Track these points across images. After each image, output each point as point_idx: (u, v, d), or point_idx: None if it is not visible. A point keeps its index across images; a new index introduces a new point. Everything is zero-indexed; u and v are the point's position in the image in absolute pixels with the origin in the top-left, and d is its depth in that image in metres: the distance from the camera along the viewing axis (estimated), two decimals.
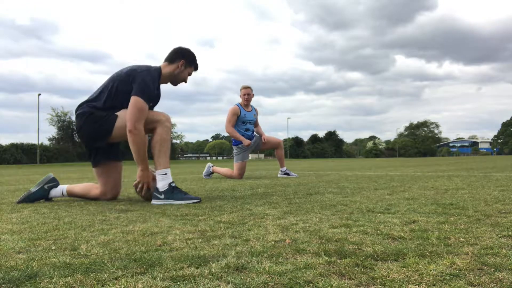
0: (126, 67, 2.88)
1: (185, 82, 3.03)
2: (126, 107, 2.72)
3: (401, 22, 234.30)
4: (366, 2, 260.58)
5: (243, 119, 5.68)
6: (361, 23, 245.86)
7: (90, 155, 2.92)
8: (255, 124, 5.92)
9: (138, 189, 2.82)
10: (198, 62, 3.04)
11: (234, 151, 5.82)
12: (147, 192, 2.81)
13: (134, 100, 2.66)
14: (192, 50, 3.02)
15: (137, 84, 2.70)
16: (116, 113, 2.75)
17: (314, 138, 75.00)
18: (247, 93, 5.70)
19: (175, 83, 3.01)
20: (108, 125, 2.74)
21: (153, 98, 2.79)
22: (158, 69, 2.89)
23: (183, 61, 2.93)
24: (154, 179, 2.82)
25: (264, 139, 5.79)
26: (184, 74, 2.98)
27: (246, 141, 5.57)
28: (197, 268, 1.11)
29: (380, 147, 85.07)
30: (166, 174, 2.74)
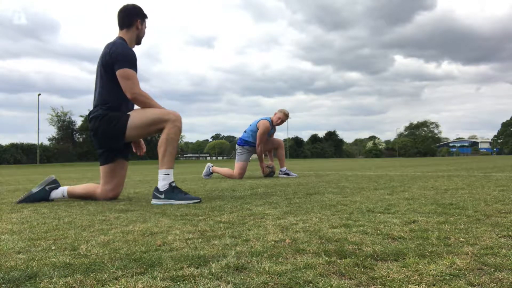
0: (98, 61, 2.91)
1: (145, 34, 3.10)
2: (124, 95, 2.80)
3: (399, 22, 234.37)
4: (364, 2, 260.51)
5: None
6: (359, 23, 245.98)
7: (102, 154, 2.93)
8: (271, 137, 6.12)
9: None
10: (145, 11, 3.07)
11: (238, 150, 5.82)
12: None
13: (120, 74, 2.74)
14: (133, 3, 3.02)
15: (116, 60, 2.76)
16: (128, 113, 2.81)
17: (314, 138, 75.04)
18: (284, 121, 5.89)
19: (139, 42, 3.06)
20: (122, 125, 2.78)
21: (135, 61, 2.84)
22: (121, 38, 2.93)
23: (139, 19, 2.98)
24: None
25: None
26: (144, 29, 3.04)
27: (264, 170, 5.85)
28: (197, 268, 1.11)
29: (380, 147, 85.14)
30: (168, 174, 2.74)
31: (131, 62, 2.79)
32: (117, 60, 2.75)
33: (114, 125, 2.79)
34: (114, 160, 2.92)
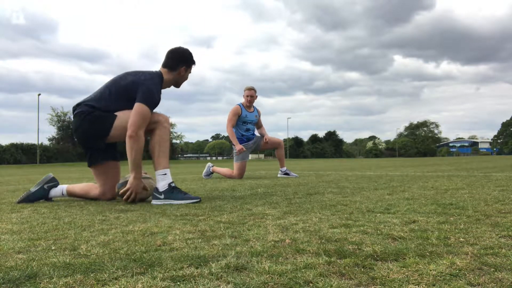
0: (128, 72, 2.88)
1: (186, 79, 3.06)
2: (123, 109, 2.75)
3: (398, 22, 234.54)
4: (363, 2, 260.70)
5: (244, 119, 5.71)
6: (358, 23, 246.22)
7: (86, 154, 2.92)
8: (259, 125, 5.99)
9: (125, 197, 2.72)
10: (194, 58, 3.04)
11: (234, 150, 5.82)
12: (132, 201, 2.74)
13: (138, 107, 2.67)
14: (186, 48, 3.00)
15: (142, 92, 2.71)
16: (115, 113, 2.77)
17: (314, 138, 75.09)
18: (251, 95, 5.75)
19: (178, 85, 3.04)
20: (106, 125, 2.75)
21: (156, 105, 2.81)
22: (160, 75, 2.90)
23: (184, 66, 2.95)
24: (145, 188, 2.78)
25: (266, 139, 5.80)
26: (186, 76, 3.01)
27: (238, 146, 5.61)
28: (197, 268, 1.11)
29: (380, 147, 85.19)
30: (165, 174, 2.74)
31: (154, 102, 2.74)
32: (143, 94, 2.70)
33: (98, 125, 2.75)
34: (101, 162, 2.90)
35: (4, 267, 1.14)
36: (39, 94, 38.80)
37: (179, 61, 2.94)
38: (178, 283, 0.99)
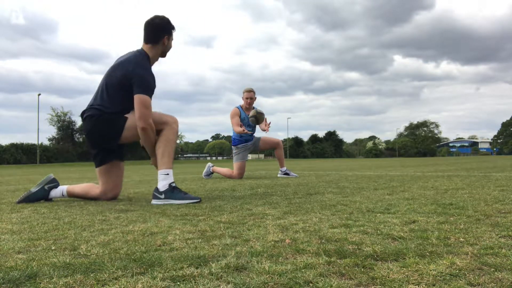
0: (115, 65, 2.84)
1: (171, 47, 3.02)
2: (128, 106, 2.76)
3: (398, 22, 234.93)
4: (363, 2, 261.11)
5: (242, 121, 5.73)
6: (358, 23, 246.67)
7: (96, 156, 2.91)
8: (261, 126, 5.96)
9: None
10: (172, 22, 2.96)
11: (234, 151, 5.83)
12: None
13: (139, 99, 2.68)
14: (162, 15, 2.92)
15: (137, 83, 2.70)
16: (126, 115, 2.78)
17: (314, 138, 75.04)
18: (250, 97, 5.76)
19: (164, 55, 2.98)
20: (119, 127, 2.76)
21: (154, 88, 2.81)
22: (145, 55, 2.85)
23: (166, 35, 2.89)
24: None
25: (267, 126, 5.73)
26: (170, 44, 2.96)
27: (239, 129, 5.51)
28: (197, 268, 1.11)
29: (380, 147, 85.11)
30: (168, 174, 2.74)
31: (151, 88, 2.76)
32: (139, 85, 2.70)
33: (110, 127, 2.76)
34: (109, 162, 2.91)
35: (4, 267, 1.14)
36: (39, 94, 38.77)
37: (160, 32, 2.87)
38: (178, 283, 0.99)
